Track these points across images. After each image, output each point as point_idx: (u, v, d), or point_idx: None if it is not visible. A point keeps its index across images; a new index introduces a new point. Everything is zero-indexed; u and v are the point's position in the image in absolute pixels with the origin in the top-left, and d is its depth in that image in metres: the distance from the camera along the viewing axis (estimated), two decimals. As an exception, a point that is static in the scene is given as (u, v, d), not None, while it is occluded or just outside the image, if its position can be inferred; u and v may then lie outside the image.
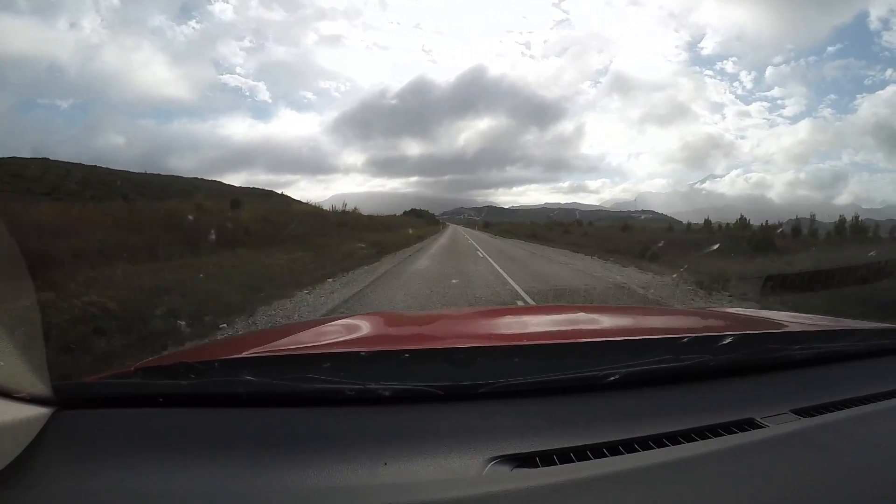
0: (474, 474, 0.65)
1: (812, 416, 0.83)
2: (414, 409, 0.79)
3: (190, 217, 11.23)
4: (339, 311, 5.81)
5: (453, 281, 8.35)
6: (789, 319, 1.54)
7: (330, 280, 8.49)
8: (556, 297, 7.06)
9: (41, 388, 0.74)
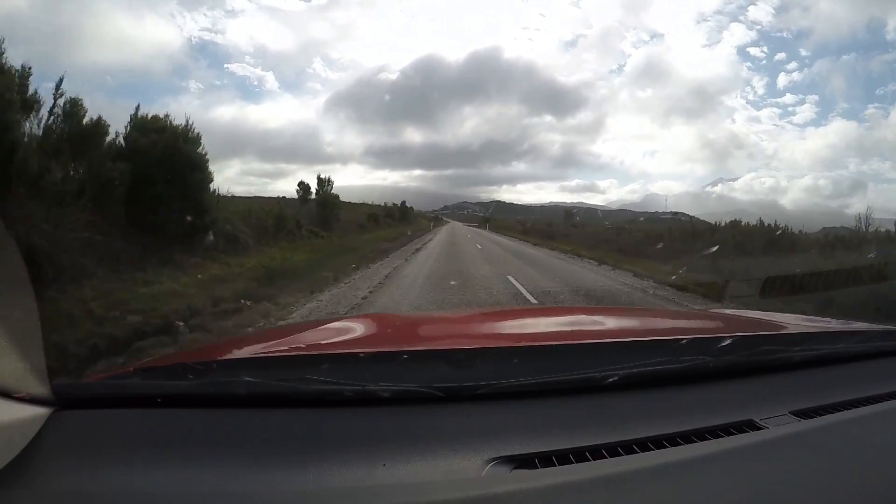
0: (473, 475, 0.65)
1: (811, 417, 0.83)
2: (413, 410, 0.79)
3: None
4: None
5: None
6: (789, 321, 1.55)
7: None
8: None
9: (40, 388, 0.74)
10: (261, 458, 0.66)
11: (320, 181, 21.26)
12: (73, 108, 7.48)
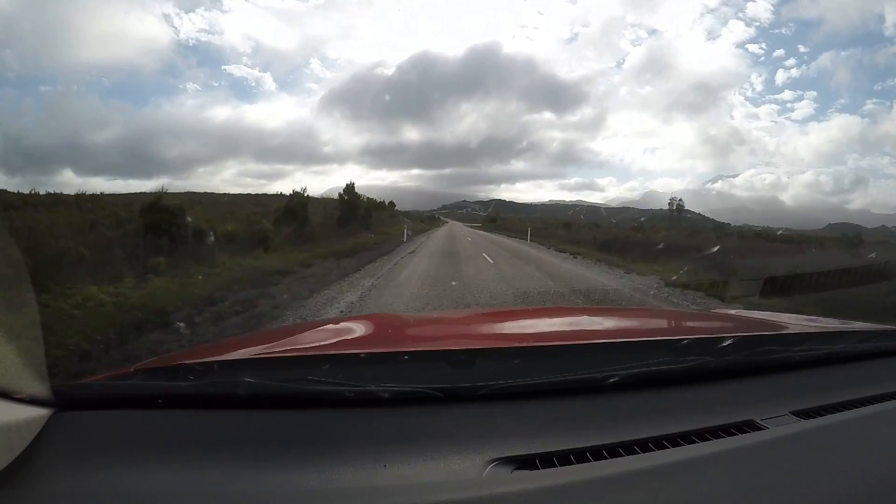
0: (474, 476, 0.65)
1: (812, 417, 0.83)
2: (414, 410, 0.79)
3: None
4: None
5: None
6: (789, 321, 1.55)
7: None
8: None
9: (41, 389, 0.74)
10: (261, 459, 0.66)
11: None
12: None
